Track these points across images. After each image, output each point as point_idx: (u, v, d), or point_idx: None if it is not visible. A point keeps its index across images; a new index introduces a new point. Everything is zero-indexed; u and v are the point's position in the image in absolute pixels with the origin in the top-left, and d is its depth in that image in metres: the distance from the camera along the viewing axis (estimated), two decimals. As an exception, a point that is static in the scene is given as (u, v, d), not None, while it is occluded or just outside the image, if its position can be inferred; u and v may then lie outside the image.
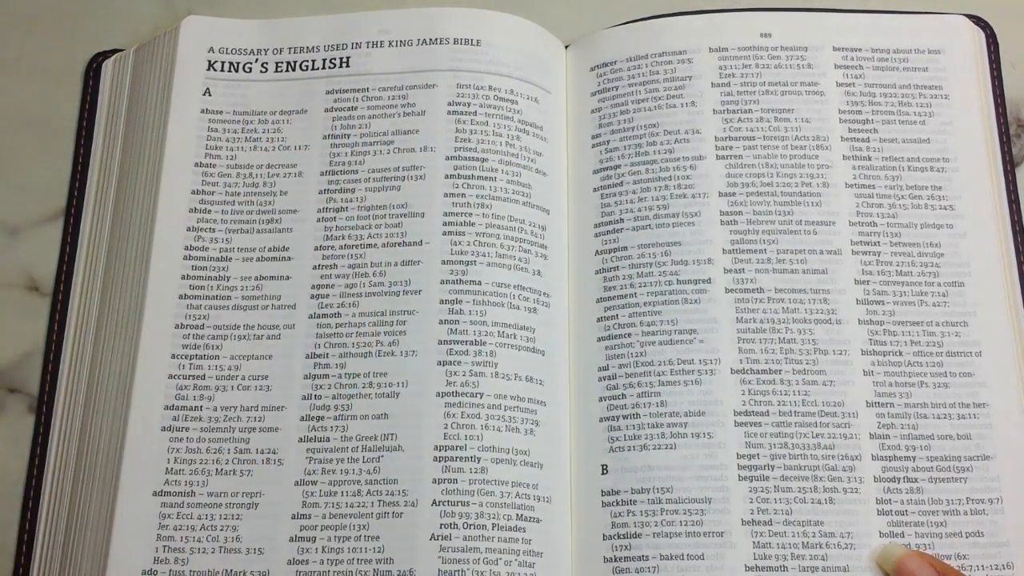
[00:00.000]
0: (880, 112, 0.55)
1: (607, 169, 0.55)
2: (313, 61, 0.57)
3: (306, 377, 0.51)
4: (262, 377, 0.51)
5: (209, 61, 0.57)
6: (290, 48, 0.57)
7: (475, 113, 0.54)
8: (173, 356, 0.51)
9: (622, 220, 0.54)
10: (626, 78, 0.56)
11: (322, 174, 0.55)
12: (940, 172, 0.54)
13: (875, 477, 0.49)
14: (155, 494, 0.49)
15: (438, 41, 0.56)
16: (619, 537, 0.49)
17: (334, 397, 0.50)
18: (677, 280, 0.52)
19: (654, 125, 0.55)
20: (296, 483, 0.49)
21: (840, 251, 0.52)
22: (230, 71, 0.57)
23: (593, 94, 0.57)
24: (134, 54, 0.58)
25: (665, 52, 0.56)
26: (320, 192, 0.54)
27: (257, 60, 0.57)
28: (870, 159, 0.54)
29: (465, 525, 0.48)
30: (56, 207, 0.57)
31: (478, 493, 0.48)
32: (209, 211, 0.54)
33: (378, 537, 0.48)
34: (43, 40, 0.60)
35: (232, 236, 0.54)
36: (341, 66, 0.56)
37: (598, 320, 0.52)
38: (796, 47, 0.56)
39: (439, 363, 0.50)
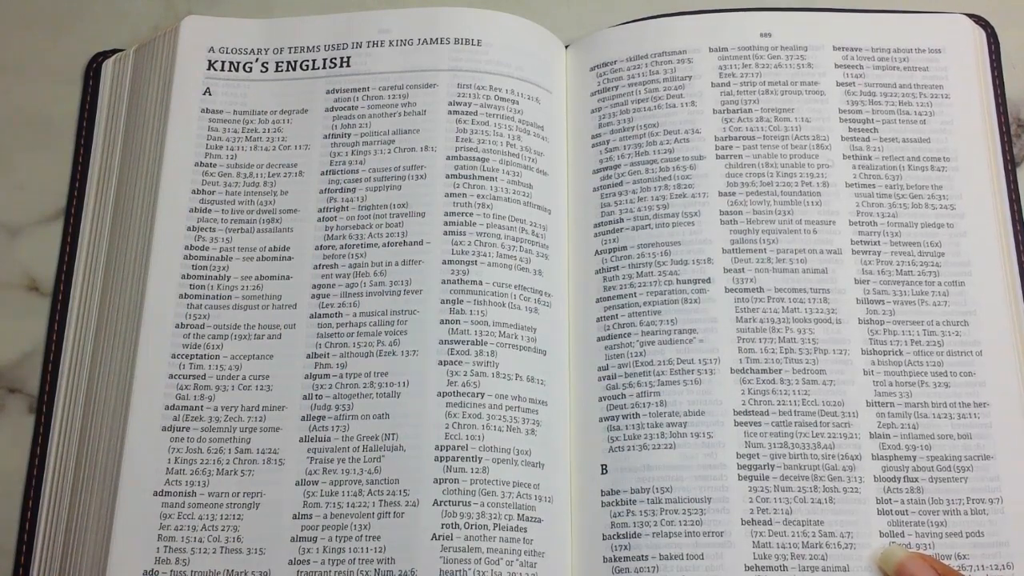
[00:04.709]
0: (880, 111, 0.55)
1: (607, 169, 0.55)
2: (314, 61, 0.57)
3: (307, 377, 0.51)
4: (263, 377, 0.51)
5: (209, 61, 0.57)
6: (290, 48, 0.57)
7: (476, 113, 0.54)
8: (173, 356, 0.51)
9: (622, 220, 0.54)
10: (626, 78, 0.56)
11: (323, 174, 0.54)
12: (940, 171, 0.54)
13: (875, 477, 0.49)
14: (156, 494, 0.49)
15: (439, 41, 0.56)
16: (619, 537, 0.49)
17: (335, 397, 0.50)
18: (677, 280, 0.52)
19: (654, 125, 0.55)
20: (297, 483, 0.49)
21: (840, 250, 0.52)
22: (230, 71, 0.57)
23: (593, 94, 0.57)
24: (134, 54, 0.58)
25: (665, 52, 0.56)
26: (321, 192, 0.54)
27: (257, 60, 0.57)
28: (870, 158, 0.54)
29: (466, 525, 0.48)
30: (56, 207, 0.57)
31: (479, 493, 0.48)
32: (209, 211, 0.54)
33: (379, 537, 0.48)
34: (43, 40, 0.60)
35: (232, 236, 0.54)
36: (342, 66, 0.56)
37: (598, 320, 0.52)
38: (796, 47, 0.56)
39: (440, 363, 0.50)
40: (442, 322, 0.51)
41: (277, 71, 0.57)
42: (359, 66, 0.56)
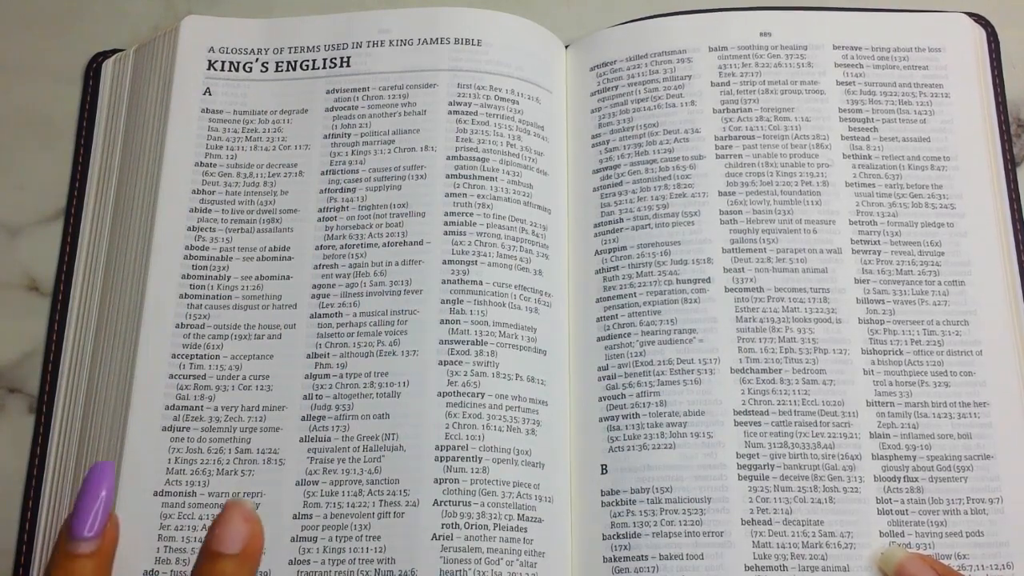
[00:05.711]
0: (880, 111, 0.55)
1: (607, 169, 0.55)
2: (314, 60, 0.57)
3: (307, 377, 0.51)
4: (263, 377, 0.51)
5: (209, 61, 0.57)
6: (290, 48, 0.57)
7: (476, 113, 0.54)
8: (174, 356, 0.51)
9: (622, 220, 0.54)
10: (626, 78, 0.56)
11: (323, 173, 0.54)
12: (940, 171, 0.54)
13: (875, 476, 0.49)
14: (156, 494, 0.49)
15: (439, 41, 0.56)
16: (618, 537, 0.49)
17: (335, 397, 0.50)
18: (677, 279, 0.52)
19: (654, 124, 0.55)
20: (297, 483, 0.49)
21: (840, 250, 0.52)
22: (230, 71, 0.57)
23: (593, 94, 0.57)
24: (134, 54, 0.58)
25: (665, 51, 0.56)
26: (321, 191, 0.54)
27: (257, 60, 0.57)
28: (870, 158, 0.54)
29: (467, 525, 0.48)
30: (56, 207, 0.57)
31: (480, 493, 0.48)
32: (209, 211, 0.54)
33: (379, 537, 0.48)
34: (43, 40, 0.60)
35: (233, 236, 0.54)
36: (342, 65, 0.56)
37: (598, 320, 0.52)
38: (796, 46, 0.56)
39: (440, 363, 0.50)
40: (442, 322, 0.51)
41: (277, 71, 0.57)
42: (359, 66, 0.56)
